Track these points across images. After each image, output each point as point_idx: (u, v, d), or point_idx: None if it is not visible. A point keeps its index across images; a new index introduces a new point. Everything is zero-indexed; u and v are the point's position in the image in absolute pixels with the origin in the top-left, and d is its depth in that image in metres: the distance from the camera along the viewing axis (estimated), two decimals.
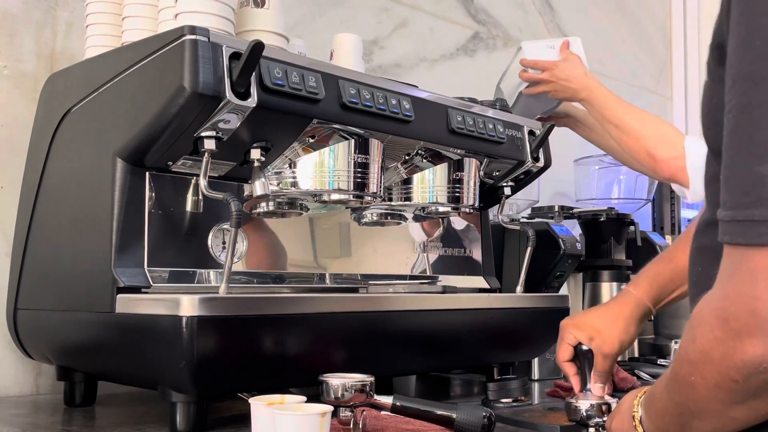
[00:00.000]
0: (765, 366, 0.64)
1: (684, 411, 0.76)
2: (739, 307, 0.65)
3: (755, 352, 0.64)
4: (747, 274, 0.65)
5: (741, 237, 0.65)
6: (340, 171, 1.27)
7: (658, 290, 1.24)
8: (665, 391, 0.80)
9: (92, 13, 1.39)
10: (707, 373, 0.69)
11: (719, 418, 0.72)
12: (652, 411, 0.86)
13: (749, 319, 0.64)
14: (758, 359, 0.64)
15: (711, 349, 0.68)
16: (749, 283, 0.64)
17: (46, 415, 1.31)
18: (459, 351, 1.46)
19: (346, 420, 1.07)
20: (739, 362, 0.65)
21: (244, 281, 1.33)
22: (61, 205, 1.29)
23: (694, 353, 0.71)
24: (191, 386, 1.08)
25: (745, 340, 0.64)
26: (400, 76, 2.14)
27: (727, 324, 0.66)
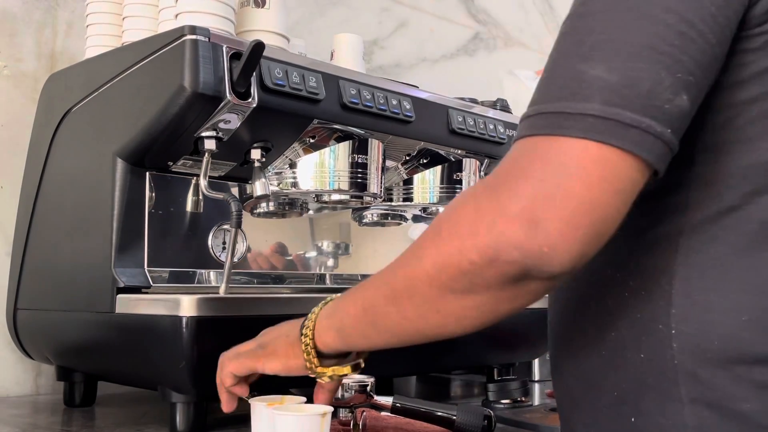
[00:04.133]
0: (509, 259, 0.63)
1: (389, 292, 0.74)
2: (522, 191, 0.62)
3: (516, 240, 0.62)
4: (537, 160, 0.63)
5: (543, 128, 0.64)
6: (341, 171, 1.26)
7: None
8: (378, 277, 0.77)
9: (92, 13, 1.39)
10: (446, 246, 0.66)
11: (422, 306, 0.71)
12: (347, 303, 0.81)
13: (527, 202, 0.62)
14: (509, 242, 0.62)
15: (463, 222, 0.65)
16: (543, 169, 0.63)
17: (45, 416, 1.31)
18: (459, 351, 1.45)
19: (346, 420, 1.07)
20: (489, 241, 0.63)
21: (244, 281, 1.33)
22: (61, 205, 1.29)
23: (444, 225, 0.68)
24: (191, 386, 1.07)
25: (508, 222, 0.62)
26: (400, 76, 2.14)
27: (496, 201, 0.63)
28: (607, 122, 0.62)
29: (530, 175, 0.63)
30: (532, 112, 0.67)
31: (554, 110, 0.65)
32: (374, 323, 0.78)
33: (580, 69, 0.65)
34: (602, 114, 0.63)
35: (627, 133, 0.62)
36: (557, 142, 0.63)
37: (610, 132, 0.62)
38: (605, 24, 0.65)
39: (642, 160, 0.63)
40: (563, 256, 0.63)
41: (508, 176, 0.65)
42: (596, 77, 0.63)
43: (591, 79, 0.64)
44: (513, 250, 0.63)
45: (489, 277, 0.65)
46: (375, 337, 0.80)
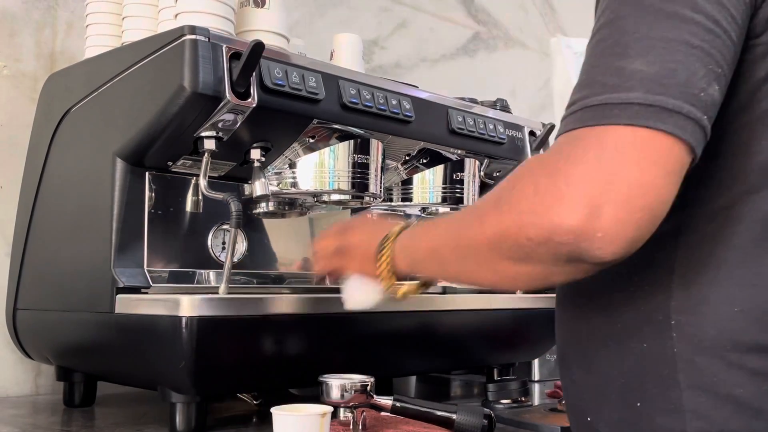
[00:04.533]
0: (564, 235, 0.67)
1: (455, 246, 0.81)
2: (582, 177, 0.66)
3: (565, 219, 0.66)
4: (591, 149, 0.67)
5: (591, 119, 0.68)
6: (340, 171, 1.26)
7: None
8: (448, 225, 0.85)
9: (92, 13, 1.39)
10: (506, 219, 0.72)
11: (481, 265, 0.77)
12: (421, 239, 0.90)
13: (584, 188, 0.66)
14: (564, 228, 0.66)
15: (523, 199, 0.70)
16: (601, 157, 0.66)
17: (45, 416, 1.31)
18: (459, 352, 1.46)
19: (346, 421, 1.07)
20: (546, 222, 0.67)
21: (244, 281, 1.33)
22: (60, 205, 1.29)
23: (507, 195, 0.73)
24: (191, 386, 1.07)
25: (565, 205, 0.66)
26: (400, 76, 2.14)
27: (554, 184, 0.67)
28: (651, 108, 0.66)
29: (585, 161, 0.67)
30: (577, 107, 0.70)
31: (599, 102, 0.68)
32: (440, 264, 0.86)
33: (619, 65, 0.69)
34: (646, 101, 0.67)
35: (671, 117, 0.66)
36: (607, 130, 0.67)
37: (655, 117, 0.66)
38: (637, 25, 0.69)
39: (685, 143, 0.67)
40: (617, 241, 0.66)
41: (565, 161, 0.68)
42: (636, 70, 0.68)
43: (631, 72, 0.68)
44: (568, 234, 0.66)
45: (542, 254, 0.70)
46: (440, 274, 0.92)
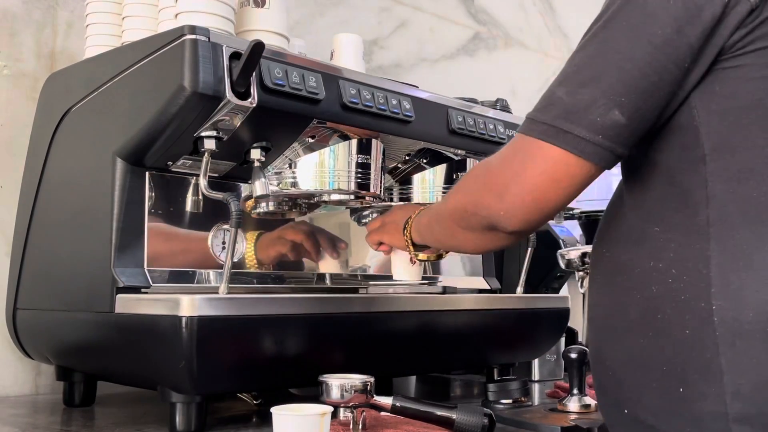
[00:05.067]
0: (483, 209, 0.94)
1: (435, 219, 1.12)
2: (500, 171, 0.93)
3: (485, 199, 0.94)
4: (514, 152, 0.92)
5: (524, 129, 0.91)
6: (340, 171, 1.26)
7: None
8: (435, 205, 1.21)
9: (92, 13, 1.39)
10: (460, 198, 1.01)
11: (448, 232, 1.06)
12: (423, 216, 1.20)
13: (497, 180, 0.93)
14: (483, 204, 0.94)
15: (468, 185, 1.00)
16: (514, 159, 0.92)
17: (45, 415, 1.31)
18: (459, 352, 1.46)
19: (346, 421, 1.07)
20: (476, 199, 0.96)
21: (244, 281, 1.33)
22: (60, 205, 1.29)
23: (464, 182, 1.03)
24: (191, 386, 1.07)
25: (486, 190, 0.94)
26: (400, 76, 2.14)
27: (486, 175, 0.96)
28: (553, 129, 0.88)
29: (506, 159, 0.93)
30: (527, 116, 0.93)
31: (531, 117, 0.91)
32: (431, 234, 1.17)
33: (553, 90, 0.91)
34: (552, 122, 0.88)
35: (565, 137, 0.87)
36: (525, 141, 0.91)
37: (552, 135, 0.88)
38: (579, 58, 0.90)
39: (575, 156, 0.87)
40: (514, 219, 0.92)
41: (495, 164, 0.95)
42: (558, 97, 0.89)
43: (555, 99, 0.89)
44: (484, 209, 0.95)
45: (474, 223, 0.98)
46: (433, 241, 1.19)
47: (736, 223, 0.84)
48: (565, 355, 1.36)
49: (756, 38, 0.85)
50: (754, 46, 0.85)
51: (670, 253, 0.87)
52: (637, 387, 0.90)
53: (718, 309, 0.83)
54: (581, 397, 1.34)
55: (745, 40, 0.85)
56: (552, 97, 0.90)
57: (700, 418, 0.83)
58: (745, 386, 0.81)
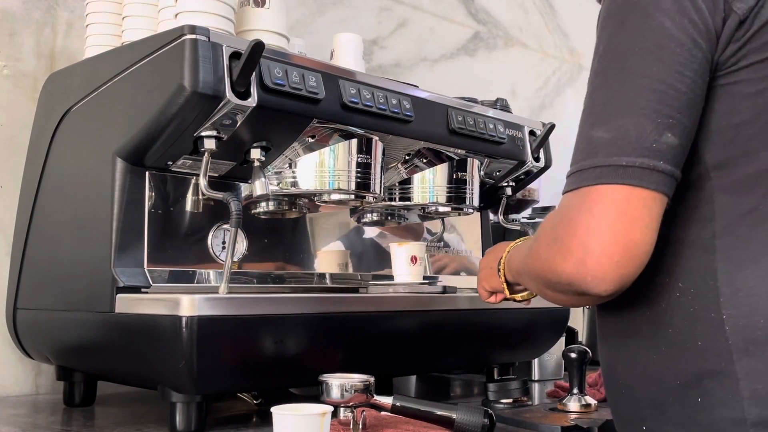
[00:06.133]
0: (566, 280, 0.84)
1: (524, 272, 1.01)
2: (568, 233, 0.83)
3: (564, 269, 0.84)
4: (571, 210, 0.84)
5: (573, 184, 0.85)
6: (340, 171, 1.26)
7: None
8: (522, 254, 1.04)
9: (92, 13, 1.39)
10: (535, 265, 0.91)
11: (539, 290, 0.96)
12: (512, 260, 1.13)
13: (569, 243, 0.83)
14: (565, 275, 0.84)
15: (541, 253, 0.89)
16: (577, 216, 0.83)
17: (45, 415, 1.31)
18: (459, 351, 1.46)
19: (346, 420, 1.07)
20: (553, 269, 0.86)
21: (244, 281, 1.33)
22: (60, 205, 1.29)
23: (535, 248, 0.92)
24: (191, 386, 1.07)
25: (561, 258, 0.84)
26: (400, 75, 2.14)
27: (554, 242, 0.86)
28: (609, 168, 0.82)
29: (570, 221, 0.84)
30: (568, 173, 0.87)
31: (577, 169, 0.85)
32: (524, 283, 1.07)
33: (588, 134, 0.85)
34: (605, 163, 0.82)
35: (626, 171, 0.81)
36: (580, 193, 0.84)
37: (613, 174, 0.82)
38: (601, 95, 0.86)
39: (644, 189, 0.81)
40: (605, 281, 0.82)
41: (558, 226, 0.86)
42: (598, 138, 0.84)
43: (595, 141, 0.84)
44: (568, 278, 0.84)
45: (560, 289, 0.88)
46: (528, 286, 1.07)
47: (741, 233, 0.85)
48: (565, 355, 1.36)
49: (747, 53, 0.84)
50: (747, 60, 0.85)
51: (676, 267, 0.88)
52: (655, 402, 0.90)
53: (728, 318, 0.84)
54: (581, 397, 1.34)
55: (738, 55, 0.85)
56: (591, 141, 0.84)
57: (720, 424, 0.84)
58: (762, 390, 0.82)
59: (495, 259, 1.18)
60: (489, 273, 1.20)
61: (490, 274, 1.19)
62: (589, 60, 0.92)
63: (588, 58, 2.03)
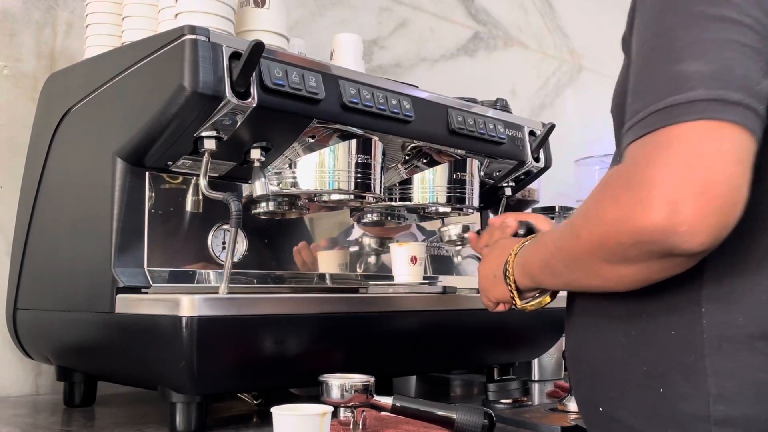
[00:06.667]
0: (650, 235, 0.71)
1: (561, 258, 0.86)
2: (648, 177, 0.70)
3: (650, 220, 0.70)
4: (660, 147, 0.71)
5: (655, 123, 0.72)
6: (340, 171, 1.26)
7: None
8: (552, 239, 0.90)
9: (92, 13, 1.39)
10: (597, 229, 0.76)
11: (587, 271, 0.82)
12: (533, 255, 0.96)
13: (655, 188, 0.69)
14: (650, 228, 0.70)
15: (607, 210, 0.75)
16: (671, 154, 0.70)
17: (45, 416, 1.31)
18: (459, 351, 1.46)
19: (346, 420, 1.07)
20: (630, 226, 0.72)
21: (244, 281, 1.33)
22: (61, 205, 1.29)
23: (593, 210, 0.78)
24: (191, 386, 1.07)
25: (643, 208, 0.70)
26: (400, 76, 2.14)
27: (630, 192, 0.72)
28: (716, 103, 0.70)
29: (658, 162, 0.70)
30: (642, 116, 0.74)
31: (664, 106, 0.72)
32: (553, 276, 0.92)
33: (676, 69, 0.73)
34: (709, 97, 0.70)
35: (735, 109, 0.70)
36: (674, 129, 0.71)
37: (721, 109, 0.70)
38: (688, 31, 0.74)
39: (750, 131, 0.71)
40: (701, 233, 0.69)
41: (639, 167, 0.72)
42: (694, 71, 0.72)
43: (690, 74, 0.72)
44: (654, 233, 0.70)
45: (636, 254, 0.74)
46: (555, 284, 0.97)
47: None
48: (565, 355, 1.36)
49: None
50: None
51: None
52: (615, 386, 0.87)
53: (707, 312, 0.81)
54: None
55: None
56: (681, 75, 0.72)
57: (681, 419, 0.81)
58: (729, 389, 0.79)
59: (498, 265, 1.04)
60: (493, 282, 1.07)
61: (494, 283, 1.06)
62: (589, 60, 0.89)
63: (588, 58, 2.04)
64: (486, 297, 1.11)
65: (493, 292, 1.08)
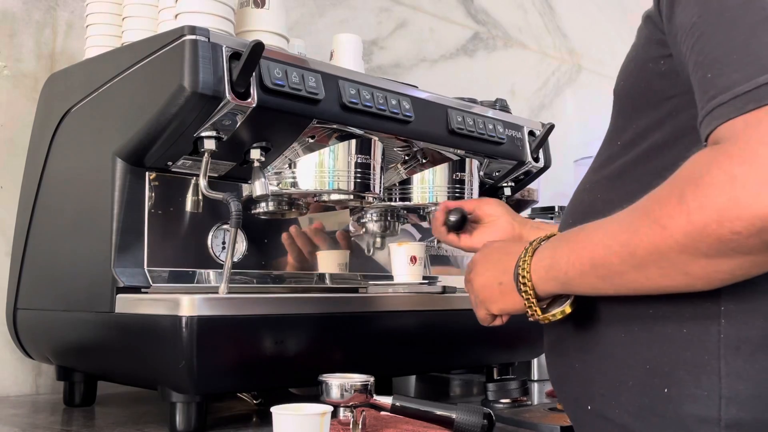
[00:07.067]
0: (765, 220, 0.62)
1: (626, 255, 0.74)
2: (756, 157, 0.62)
3: (765, 202, 0.62)
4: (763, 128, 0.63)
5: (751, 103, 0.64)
6: (340, 171, 1.27)
7: None
8: (606, 234, 0.77)
9: (92, 13, 1.39)
10: (699, 217, 0.66)
11: (668, 269, 0.71)
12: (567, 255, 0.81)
13: None
14: (764, 210, 0.62)
15: (717, 191, 0.65)
16: None
17: (45, 415, 1.31)
18: (458, 351, 1.46)
19: (346, 420, 1.07)
20: (756, 211, 0.63)
21: (244, 281, 1.33)
22: (61, 205, 1.29)
23: (690, 193, 0.67)
24: (191, 386, 1.08)
25: (757, 189, 0.62)
26: (400, 76, 2.14)
27: (751, 168, 0.63)
28: None
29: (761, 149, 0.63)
30: (747, 88, 0.66)
31: (759, 84, 0.65)
32: (606, 278, 0.78)
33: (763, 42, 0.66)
34: None
35: None
36: None
37: None
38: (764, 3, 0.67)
39: None
40: None
41: (755, 144, 0.64)
42: None
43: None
44: None
45: (752, 245, 0.65)
46: (605, 289, 0.80)
47: None
48: None
49: None
50: None
51: None
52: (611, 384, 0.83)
53: (726, 311, 0.76)
54: None
55: None
56: None
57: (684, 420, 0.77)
58: (744, 392, 0.75)
59: (504, 271, 0.91)
60: (498, 291, 0.92)
61: (501, 292, 0.92)
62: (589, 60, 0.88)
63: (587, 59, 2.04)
64: (485, 310, 0.96)
65: (499, 303, 0.93)
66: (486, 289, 0.94)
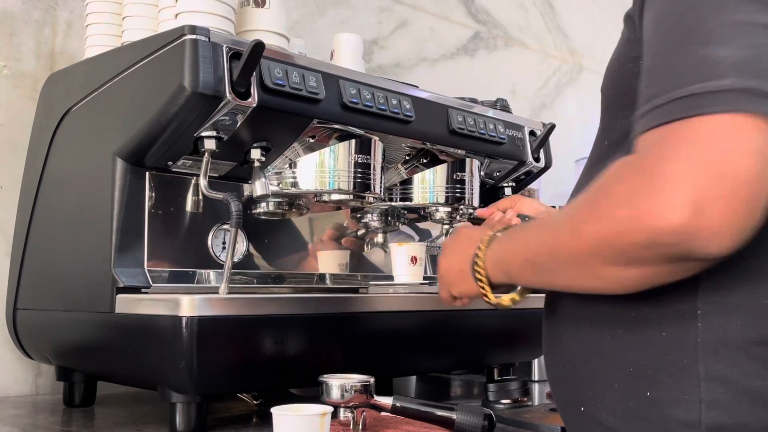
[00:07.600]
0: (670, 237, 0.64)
1: (551, 256, 0.78)
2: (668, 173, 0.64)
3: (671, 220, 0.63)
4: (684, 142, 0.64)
5: (677, 113, 0.65)
6: (341, 171, 1.26)
7: None
8: (539, 234, 0.82)
9: (92, 13, 1.39)
10: (605, 227, 0.69)
11: (582, 272, 0.75)
12: (512, 251, 0.87)
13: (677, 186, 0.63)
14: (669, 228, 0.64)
15: (621, 204, 0.67)
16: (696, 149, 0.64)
17: (45, 416, 1.30)
18: (459, 351, 1.46)
19: (346, 421, 1.07)
20: (650, 225, 0.65)
21: (244, 281, 1.33)
22: (61, 205, 1.29)
23: (599, 204, 0.70)
24: (191, 386, 1.07)
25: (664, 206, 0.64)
26: (400, 76, 2.14)
27: (652, 185, 0.65)
28: (747, 94, 0.64)
29: (681, 156, 0.64)
30: (661, 102, 0.67)
31: (687, 93, 0.66)
32: (537, 273, 0.84)
33: (703, 53, 0.66)
34: (740, 87, 0.64)
35: None
36: (700, 121, 0.65)
37: (754, 102, 0.64)
38: (716, 12, 0.67)
39: None
40: (725, 236, 0.64)
41: (658, 159, 0.65)
42: (724, 57, 0.65)
43: (719, 59, 0.65)
44: (673, 234, 0.64)
45: (648, 257, 0.68)
46: (538, 281, 0.86)
47: None
48: None
49: None
50: None
51: None
52: (598, 385, 0.82)
53: (703, 314, 0.75)
54: None
55: None
56: (707, 61, 0.66)
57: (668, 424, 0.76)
58: (723, 396, 0.74)
59: (464, 259, 0.96)
60: (459, 276, 0.98)
61: (461, 278, 0.97)
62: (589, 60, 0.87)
63: (588, 58, 2.03)
64: (447, 291, 1.03)
65: (458, 287, 1.00)
66: (449, 272, 1.02)
